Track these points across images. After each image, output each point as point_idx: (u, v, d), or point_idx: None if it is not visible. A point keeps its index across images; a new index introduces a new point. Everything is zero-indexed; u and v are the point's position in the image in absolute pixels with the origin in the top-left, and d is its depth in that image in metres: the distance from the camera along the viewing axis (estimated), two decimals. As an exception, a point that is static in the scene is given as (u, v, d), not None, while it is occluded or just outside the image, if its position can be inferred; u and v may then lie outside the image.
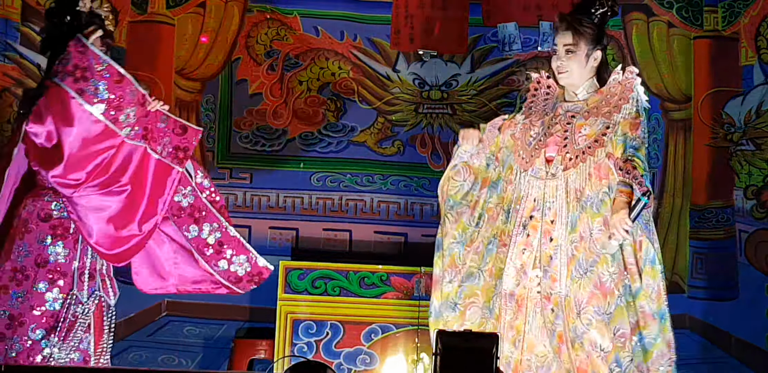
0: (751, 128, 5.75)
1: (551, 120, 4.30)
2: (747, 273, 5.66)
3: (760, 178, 5.72)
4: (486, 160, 4.48)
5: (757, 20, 5.72)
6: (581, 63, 4.29)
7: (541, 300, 4.21)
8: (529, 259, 4.23)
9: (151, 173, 4.25)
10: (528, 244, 4.24)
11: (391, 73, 5.93)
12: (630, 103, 4.22)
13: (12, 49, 5.38)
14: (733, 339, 5.61)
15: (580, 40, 4.28)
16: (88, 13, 4.29)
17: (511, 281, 4.25)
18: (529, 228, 4.25)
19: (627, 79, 4.25)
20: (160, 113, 4.28)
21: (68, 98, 4.06)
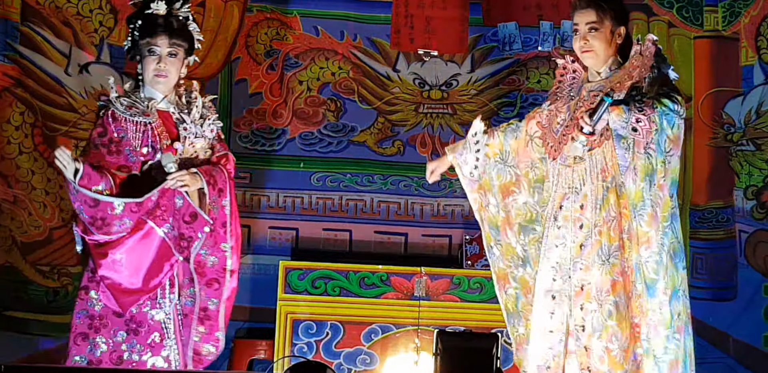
0: (751, 128, 5.73)
1: (576, 104, 4.17)
2: (746, 274, 5.65)
3: (760, 178, 5.70)
4: (491, 171, 4.35)
5: (758, 20, 5.71)
6: (606, 41, 4.09)
7: (574, 298, 4.08)
8: (564, 254, 4.11)
9: (154, 248, 4.14)
10: (560, 237, 4.12)
11: (391, 73, 5.91)
12: (651, 72, 4.07)
13: (12, 49, 5.36)
14: (732, 340, 5.60)
15: (605, 16, 4.09)
16: (163, 16, 4.26)
17: (547, 280, 4.13)
18: (560, 219, 4.13)
19: (647, 48, 4.09)
20: (179, 193, 4.14)
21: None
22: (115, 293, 4.06)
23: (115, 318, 4.10)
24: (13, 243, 5.33)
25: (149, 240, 4.11)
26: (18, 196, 5.36)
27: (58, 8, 5.48)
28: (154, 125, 4.24)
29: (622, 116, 3.92)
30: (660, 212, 3.98)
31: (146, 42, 4.24)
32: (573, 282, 4.06)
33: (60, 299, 5.42)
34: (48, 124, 5.48)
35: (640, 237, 3.97)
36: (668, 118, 3.91)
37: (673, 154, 3.99)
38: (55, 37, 5.48)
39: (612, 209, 4.03)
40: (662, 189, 3.98)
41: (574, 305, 4.04)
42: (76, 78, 5.53)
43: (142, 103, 4.28)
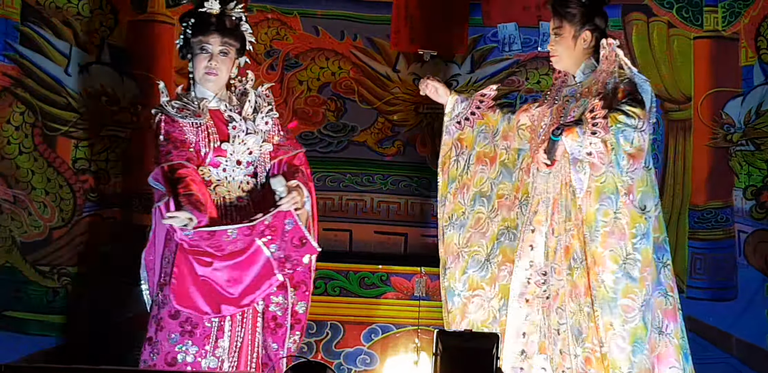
0: (751, 129, 5.72)
1: (558, 109, 4.22)
2: (746, 273, 5.63)
3: (760, 178, 5.69)
4: (478, 132, 4.42)
5: (758, 20, 5.69)
6: (569, 46, 4.23)
7: (548, 300, 4.14)
8: (537, 257, 4.15)
9: (258, 266, 4.16)
10: (534, 240, 4.17)
11: (391, 73, 5.89)
12: (612, 76, 4.13)
13: (12, 48, 5.35)
14: (734, 339, 5.58)
15: (563, 22, 4.23)
16: (217, 15, 4.27)
17: (522, 282, 4.18)
18: (534, 224, 4.18)
19: (609, 52, 4.14)
20: (290, 215, 4.16)
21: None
22: (208, 294, 4.08)
23: (170, 320, 4.12)
24: (13, 243, 5.32)
25: (255, 258, 4.13)
26: (18, 196, 5.35)
27: (58, 8, 5.47)
28: (207, 125, 4.24)
29: (576, 140, 3.95)
30: (627, 229, 3.98)
31: (198, 40, 4.27)
32: (548, 286, 4.06)
33: (60, 299, 5.40)
34: (48, 124, 5.46)
35: (596, 258, 3.99)
36: (625, 134, 3.94)
37: (635, 169, 4.01)
38: (55, 37, 5.47)
39: (579, 215, 4.07)
40: (626, 206, 3.99)
41: (549, 309, 4.07)
42: (76, 78, 5.52)
43: (193, 104, 4.30)
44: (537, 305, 4.18)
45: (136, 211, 5.62)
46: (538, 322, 4.16)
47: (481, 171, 4.41)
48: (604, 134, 3.92)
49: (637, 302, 4.01)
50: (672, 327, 4.15)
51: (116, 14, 5.61)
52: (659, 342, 4.12)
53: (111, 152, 5.59)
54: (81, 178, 5.52)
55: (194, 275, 4.12)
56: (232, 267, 4.13)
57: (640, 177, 4.05)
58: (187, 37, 4.32)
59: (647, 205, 4.06)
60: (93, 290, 5.45)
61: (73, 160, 5.51)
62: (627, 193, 4.01)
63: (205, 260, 4.10)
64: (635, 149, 3.99)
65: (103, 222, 5.55)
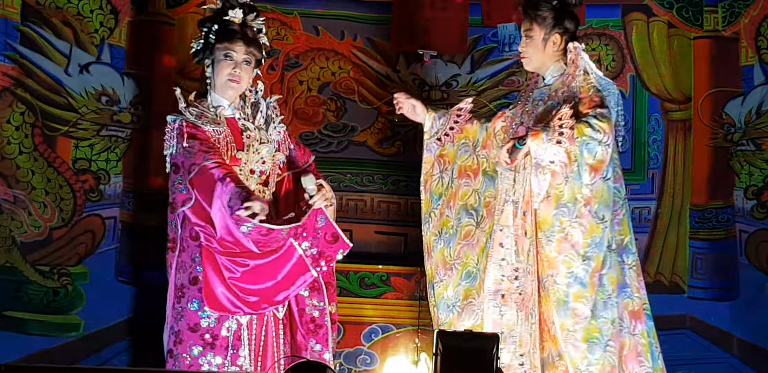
0: (752, 128, 5.71)
1: (529, 112, 4.29)
2: (747, 273, 5.63)
3: (761, 178, 5.68)
4: (459, 146, 4.45)
5: (758, 20, 5.68)
6: (538, 48, 4.32)
7: (521, 296, 4.19)
8: (508, 255, 4.21)
9: (291, 263, 4.19)
10: (503, 239, 4.23)
11: (391, 73, 5.89)
12: (576, 80, 4.17)
13: (12, 48, 5.32)
14: (735, 339, 5.58)
15: (533, 24, 4.31)
16: (239, 23, 4.28)
17: (495, 278, 4.24)
18: (501, 222, 4.25)
19: (576, 56, 4.20)
20: (321, 212, 4.19)
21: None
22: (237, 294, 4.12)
23: (189, 333, 4.14)
24: (13, 243, 5.29)
25: (288, 256, 4.17)
26: (18, 196, 5.31)
27: (58, 8, 5.45)
28: (226, 134, 4.27)
29: (541, 146, 4.00)
30: (582, 238, 4.03)
31: (224, 46, 4.29)
32: (520, 283, 4.20)
33: (60, 299, 5.38)
34: (48, 124, 5.43)
35: (550, 261, 4.05)
36: (589, 147, 4.02)
37: (595, 182, 4.06)
38: (55, 37, 5.44)
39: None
40: (583, 216, 4.03)
41: (523, 305, 4.13)
42: (76, 78, 5.50)
43: (210, 112, 4.28)
44: (512, 300, 4.23)
45: (136, 211, 5.61)
46: (514, 318, 4.21)
47: (466, 184, 4.47)
48: (568, 145, 3.99)
49: (587, 306, 4.10)
50: (640, 328, 4.26)
51: (116, 14, 5.59)
52: (628, 342, 4.21)
53: (111, 152, 5.58)
54: (81, 179, 5.51)
55: (223, 279, 4.15)
56: (267, 265, 4.17)
57: (599, 188, 4.10)
58: (209, 43, 4.30)
59: (605, 215, 4.13)
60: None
61: (73, 160, 5.49)
62: (586, 204, 4.09)
63: (241, 261, 4.13)
64: (597, 162, 4.06)
65: (103, 222, 5.54)
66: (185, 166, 4.19)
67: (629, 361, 4.21)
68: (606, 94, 4.15)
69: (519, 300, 4.22)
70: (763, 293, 5.55)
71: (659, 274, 5.77)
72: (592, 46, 5.83)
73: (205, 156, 4.15)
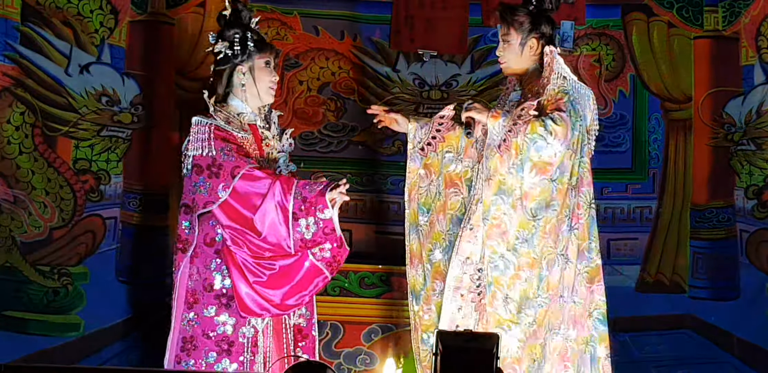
0: (752, 128, 5.70)
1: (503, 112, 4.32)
2: (748, 273, 5.62)
3: (761, 178, 5.67)
4: (443, 155, 4.47)
5: (758, 20, 5.68)
6: (516, 52, 4.35)
7: (479, 296, 4.20)
8: (473, 254, 4.22)
9: (306, 267, 4.23)
10: (472, 237, 4.24)
11: (391, 73, 5.89)
12: (551, 83, 4.19)
13: (12, 49, 5.32)
14: (736, 339, 5.57)
15: (510, 29, 4.33)
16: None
17: (456, 275, 4.25)
18: (472, 222, 4.27)
19: (551, 60, 4.26)
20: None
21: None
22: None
23: (204, 340, 4.14)
24: (13, 243, 5.28)
25: (303, 259, 4.22)
26: (18, 196, 5.31)
27: (58, 8, 5.44)
28: (250, 141, 4.30)
29: (495, 129, 4.09)
30: (511, 229, 4.15)
31: (266, 54, 4.33)
32: (480, 283, 4.22)
33: (60, 299, 5.38)
34: (48, 125, 5.43)
35: (484, 243, 4.15)
36: (536, 145, 4.10)
37: (540, 181, 4.09)
38: (55, 37, 5.44)
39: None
40: (515, 209, 4.11)
41: (479, 305, 4.15)
42: (76, 78, 5.49)
43: (234, 118, 4.29)
44: (468, 300, 4.25)
45: (136, 211, 5.61)
46: (469, 316, 4.23)
47: (454, 194, 4.49)
48: (518, 136, 4.07)
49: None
50: (574, 334, 4.28)
51: (116, 14, 5.59)
52: (559, 346, 4.26)
53: (111, 153, 5.57)
54: (81, 179, 5.50)
55: (249, 283, 4.16)
56: (290, 266, 4.21)
57: (543, 188, 4.14)
58: (247, 49, 4.29)
59: (539, 213, 4.16)
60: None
61: (73, 161, 5.49)
62: (522, 198, 4.14)
63: (268, 264, 4.17)
64: (542, 162, 4.12)
65: (104, 222, 5.54)
66: (227, 169, 4.17)
67: (555, 363, 4.24)
68: (576, 97, 4.19)
69: (477, 300, 4.23)
70: (763, 293, 5.54)
71: (660, 273, 5.78)
72: (593, 45, 5.85)
73: (248, 160, 4.19)
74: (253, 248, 4.17)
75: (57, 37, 5.44)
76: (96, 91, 5.54)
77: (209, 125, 4.25)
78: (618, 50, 5.85)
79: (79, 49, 5.50)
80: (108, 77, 5.56)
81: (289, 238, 4.10)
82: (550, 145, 4.08)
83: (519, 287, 4.17)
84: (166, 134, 5.69)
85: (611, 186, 5.80)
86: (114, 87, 5.58)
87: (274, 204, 4.10)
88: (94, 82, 5.53)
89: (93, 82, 5.53)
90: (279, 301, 4.20)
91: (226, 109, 4.34)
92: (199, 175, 4.22)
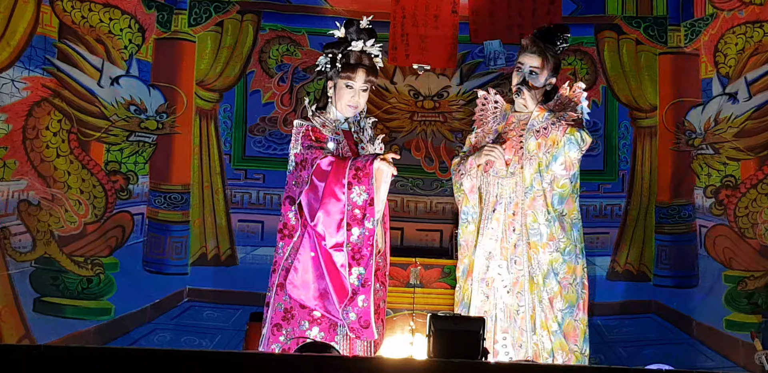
0: (710, 134, 5.75)
1: (504, 128, 4.36)
2: (706, 264, 5.67)
3: (718, 178, 5.72)
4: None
5: (716, 38, 5.74)
6: (539, 85, 4.41)
7: (506, 286, 4.26)
8: (496, 248, 4.28)
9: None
10: (494, 235, 4.29)
11: (389, 85, 5.94)
12: (577, 111, 4.27)
13: (50, 63, 5.39)
14: (695, 322, 5.61)
15: (546, 65, 4.36)
16: (359, 52, 4.35)
17: (482, 267, 4.30)
18: (493, 220, 4.30)
19: (575, 92, 4.31)
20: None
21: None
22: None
23: (300, 310, 4.20)
24: (51, 236, 5.36)
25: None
26: (55, 194, 5.39)
27: (92, 27, 5.52)
28: (343, 144, 4.34)
29: (539, 117, 4.26)
30: (545, 205, 4.31)
31: (347, 75, 4.33)
32: (508, 274, 4.31)
33: (93, 286, 5.46)
34: (82, 131, 5.51)
35: (526, 212, 4.34)
36: (570, 145, 4.29)
37: (566, 175, 4.31)
38: (89, 52, 5.52)
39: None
40: (546, 191, 4.28)
41: (511, 292, 4.20)
42: (107, 89, 5.57)
43: (330, 123, 4.33)
44: (496, 288, 4.29)
45: (161, 208, 5.69)
46: (498, 303, 4.27)
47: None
48: (559, 131, 4.23)
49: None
50: (581, 315, 4.38)
51: (143, 32, 5.67)
52: (572, 323, 4.35)
53: (139, 156, 5.65)
54: (112, 179, 5.58)
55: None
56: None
57: (565, 182, 4.30)
58: (336, 68, 4.34)
59: (559, 203, 4.31)
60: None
61: (105, 163, 5.57)
62: (551, 182, 4.29)
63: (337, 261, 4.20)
64: (570, 160, 4.30)
65: (132, 218, 5.62)
66: (308, 160, 4.23)
67: (569, 338, 4.31)
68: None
69: (505, 288, 4.29)
70: (719, 281, 5.59)
71: (628, 264, 5.82)
72: (569, 60, 5.91)
73: (323, 152, 4.23)
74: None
75: (90, 52, 5.51)
76: (125, 100, 5.62)
77: (305, 126, 4.32)
78: (591, 64, 5.91)
79: (110, 63, 5.58)
80: (136, 88, 5.64)
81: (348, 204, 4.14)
82: (580, 150, 4.26)
83: (548, 251, 4.29)
84: (187, 139, 5.77)
85: (585, 186, 5.65)
86: (141, 97, 5.66)
87: (338, 182, 4.16)
88: (124, 92, 5.61)
89: (122, 92, 5.61)
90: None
91: (324, 116, 4.38)
92: (297, 170, 4.28)
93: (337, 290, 4.15)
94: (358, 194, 4.15)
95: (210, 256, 5.72)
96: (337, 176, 4.14)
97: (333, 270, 4.16)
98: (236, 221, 5.76)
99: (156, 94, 5.68)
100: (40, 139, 5.32)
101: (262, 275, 5.50)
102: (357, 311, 4.14)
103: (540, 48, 4.34)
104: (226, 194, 5.77)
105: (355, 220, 4.13)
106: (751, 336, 5.07)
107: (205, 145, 5.77)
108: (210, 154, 5.77)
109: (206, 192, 5.75)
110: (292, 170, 4.28)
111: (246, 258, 5.73)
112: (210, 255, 5.72)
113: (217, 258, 5.73)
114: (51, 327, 5.25)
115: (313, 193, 4.17)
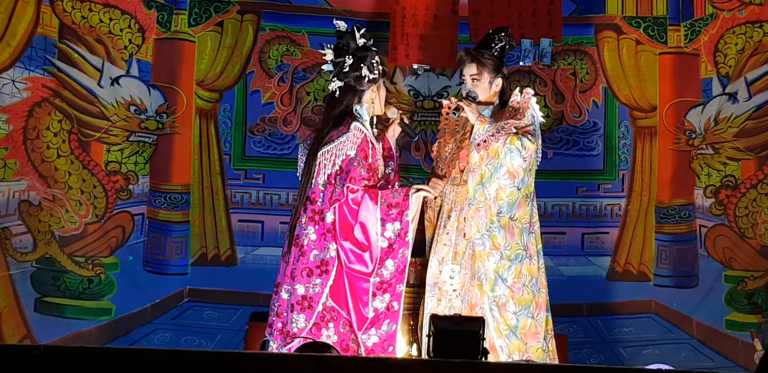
0: (710, 134, 5.76)
1: (462, 136, 4.43)
2: (706, 263, 5.68)
3: (718, 178, 5.73)
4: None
5: (716, 38, 5.75)
6: (485, 90, 4.43)
7: (456, 290, 4.32)
8: (449, 253, 4.34)
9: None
10: (448, 241, 4.36)
11: (389, 85, 5.90)
12: (526, 117, 4.37)
13: (50, 63, 5.41)
14: (695, 322, 5.62)
15: (483, 70, 4.44)
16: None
17: (435, 271, 4.38)
18: (447, 226, 4.37)
19: (524, 98, 4.38)
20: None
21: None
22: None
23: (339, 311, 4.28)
24: (52, 237, 5.38)
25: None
26: (56, 194, 5.40)
27: (92, 27, 5.53)
28: (380, 147, 4.49)
29: (480, 130, 4.36)
30: (488, 215, 4.36)
31: (371, 88, 4.42)
32: (456, 279, 4.38)
33: (93, 286, 5.47)
34: (83, 131, 5.52)
35: (468, 223, 4.40)
36: (511, 154, 4.31)
37: (510, 185, 4.33)
38: (89, 53, 5.53)
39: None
40: (489, 201, 4.35)
41: (458, 296, 4.26)
42: (108, 90, 5.58)
43: (366, 123, 4.43)
44: (446, 291, 4.41)
45: (161, 208, 5.70)
46: (448, 307, 4.34)
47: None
48: (499, 142, 4.29)
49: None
50: (542, 315, 4.42)
51: (143, 33, 5.67)
52: (530, 323, 4.38)
53: (139, 156, 5.66)
54: (112, 179, 5.59)
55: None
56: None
57: (511, 191, 4.34)
58: (379, 70, 4.44)
59: (504, 211, 4.34)
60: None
61: (105, 163, 5.58)
62: (495, 199, 4.35)
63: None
64: (513, 169, 4.33)
65: (132, 218, 5.62)
66: (356, 178, 4.28)
67: (529, 337, 4.35)
68: (538, 131, 4.44)
69: (451, 292, 4.36)
70: (719, 281, 5.61)
71: (628, 264, 5.81)
72: (569, 60, 5.90)
73: (365, 182, 4.30)
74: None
75: (90, 52, 5.52)
76: (125, 101, 5.62)
77: (361, 132, 4.34)
78: (591, 64, 5.91)
79: (110, 63, 5.58)
80: (136, 88, 5.64)
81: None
82: (522, 158, 4.30)
83: (493, 260, 4.33)
84: (187, 139, 5.77)
85: (585, 185, 5.86)
86: (141, 97, 5.66)
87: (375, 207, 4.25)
88: (124, 93, 5.61)
89: (122, 93, 5.61)
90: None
91: (360, 119, 4.41)
92: (339, 174, 4.31)
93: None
94: (393, 231, 4.23)
95: (210, 256, 5.73)
96: (371, 213, 4.21)
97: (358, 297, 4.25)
98: (236, 221, 5.77)
99: (156, 95, 5.69)
100: (41, 140, 5.34)
101: (262, 275, 5.56)
102: (379, 334, 4.24)
103: (472, 55, 4.48)
104: (226, 194, 5.78)
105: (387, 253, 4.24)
106: (751, 336, 5.08)
107: (205, 146, 5.77)
108: (210, 154, 5.77)
109: (206, 192, 5.76)
110: (336, 171, 4.29)
111: (246, 258, 5.74)
112: (210, 255, 5.73)
113: (217, 258, 5.74)
114: (52, 327, 5.26)
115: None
